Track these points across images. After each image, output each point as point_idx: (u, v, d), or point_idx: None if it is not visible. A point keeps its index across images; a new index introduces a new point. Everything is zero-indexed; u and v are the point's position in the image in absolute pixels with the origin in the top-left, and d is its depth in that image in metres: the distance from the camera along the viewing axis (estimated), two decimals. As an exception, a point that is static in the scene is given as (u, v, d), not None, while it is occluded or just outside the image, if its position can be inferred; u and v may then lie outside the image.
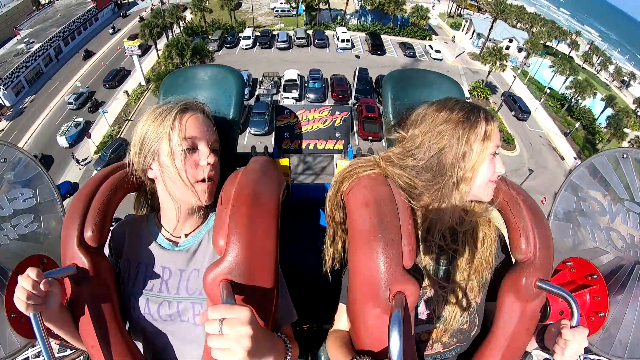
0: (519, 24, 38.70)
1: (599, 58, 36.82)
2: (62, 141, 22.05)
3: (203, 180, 0.95)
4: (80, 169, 21.33)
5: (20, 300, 0.76)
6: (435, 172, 0.87)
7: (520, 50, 34.84)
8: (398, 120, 1.01)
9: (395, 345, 0.65)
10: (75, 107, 25.75)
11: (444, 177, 0.86)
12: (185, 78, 1.29)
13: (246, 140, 20.95)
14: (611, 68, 36.15)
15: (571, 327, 0.81)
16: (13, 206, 1.16)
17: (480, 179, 0.88)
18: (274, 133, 1.43)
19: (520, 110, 27.87)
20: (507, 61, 28.42)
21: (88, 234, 0.88)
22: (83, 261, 0.87)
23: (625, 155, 1.22)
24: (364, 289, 0.78)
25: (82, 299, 0.89)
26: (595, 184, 1.22)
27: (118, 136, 22.48)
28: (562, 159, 24.55)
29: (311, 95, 25.64)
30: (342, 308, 0.97)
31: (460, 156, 0.86)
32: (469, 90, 28.17)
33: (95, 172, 19.75)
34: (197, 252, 0.99)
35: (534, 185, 20.31)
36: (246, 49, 32.61)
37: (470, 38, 37.82)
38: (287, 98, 24.63)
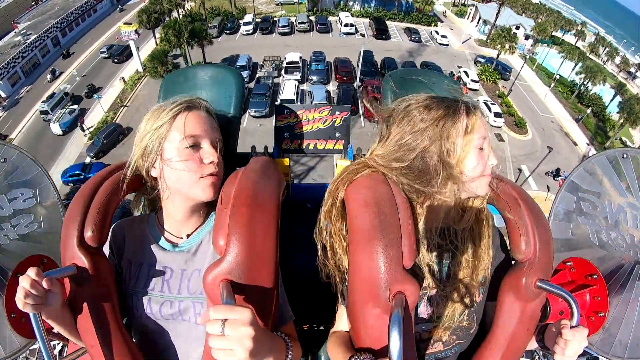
0: (524, 14, 38.46)
1: (605, 49, 36.26)
2: (56, 128, 21.40)
3: (208, 175, 0.95)
4: (85, 135, 21.29)
5: (20, 299, 0.76)
6: (420, 171, 0.86)
7: (527, 37, 34.58)
8: (384, 117, 0.98)
9: (395, 345, 0.65)
10: (106, 55, 27.80)
11: (430, 175, 0.85)
12: (185, 78, 1.29)
13: (246, 123, 20.79)
14: (617, 59, 35.59)
15: (571, 327, 0.81)
16: (13, 206, 1.16)
17: (469, 173, 0.86)
18: (274, 133, 1.42)
19: (503, 70, 28.77)
20: (516, 43, 28.19)
21: (88, 234, 0.88)
22: (83, 261, 0.87)
23: (625, 155, 1.22)
24: (364, 289, 0.78)
25: (82, 299, 0.89)
26: (595, 184, 1.22)
27: (113, 121, 22.08)
28: (575, 144, 24.44)
29: (314, 77, 25.29)
30: (342, 310, 0.97)
31: (445, 154, 0.84)
32: (477, 74, 28.10)
33: (87, 158, 19.55)
34: (198, 252, 0.99)
35: (548, 170, 20.25)
36: (246, 34, 32.24)
37: (476, 25, 37.73)
38: (289, 80, 24.24)
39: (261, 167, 0.97)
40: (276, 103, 22.17)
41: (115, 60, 28.15)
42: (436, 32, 34.25)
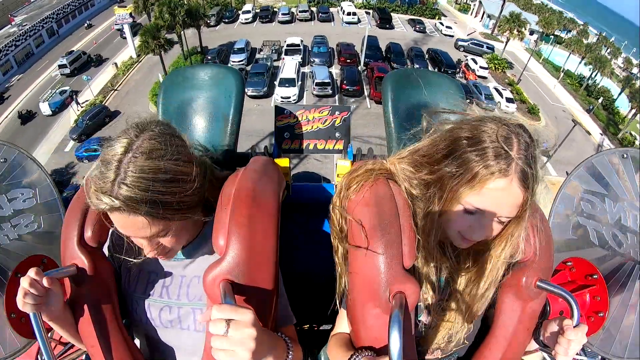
0: (526, 12, 38.63)
1: (607, 49, 36.00)
2: (45, 108, 20.83)
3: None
4: (79, 109, 21.20)
5: (20, 299, 0.76)
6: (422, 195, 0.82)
7: (532, 33, 34.64)
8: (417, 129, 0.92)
9: (395, 345, 0.65)
10: (119, 27, 28.30)
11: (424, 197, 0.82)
12: (184, 78, 1.29)
13: None
14: (620, 59, 35.41)
15: (573, 327, 0.81)
16: (13, 206, 1.16)
17: (444, 224, 0.81)
18: (274, 132, 1.42)
19: (488, 49, 29.16)
20: (525, 29, 28.17)
21: (88, 234, 0.88)
22: (83, 261, 0.87)
23: (625, 155, 1.22)
24: (363, 288, 0.78)
25: (82, 299, 0.89)
26: (595, 184, 1.22)
27: (101, 103, 21.75)
28: (589, 133, 24.37)
29: (316, 60, 24.91)
30: (343, 313, 0.95)
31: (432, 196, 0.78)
32: (486, 62, 28.16)
33: (71, 142, 18.87)
34: (197, 259, 0.98)
35: (566, 156, 20.17)
36: (246, 23, 32.11)
37: (480, 20, 38.26)
38: (290, 61, 23.83)
39: (261, 167, 0.97)
40: (275, 82, 21.77)
41: (124, 36, 28.50)
42: (441, 23, 34.50)
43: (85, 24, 32.54)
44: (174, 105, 1.27)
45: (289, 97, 21.40)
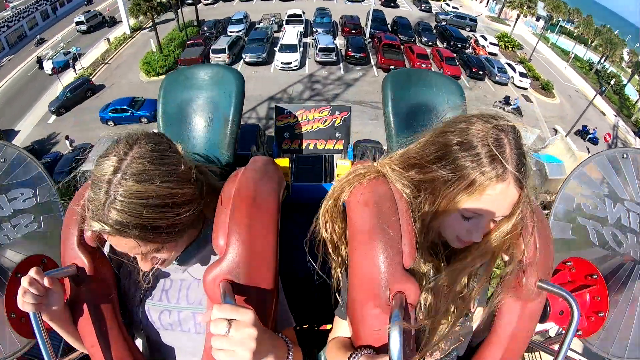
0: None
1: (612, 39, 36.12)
2: (48, 66, 21.68)
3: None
4: (76, 74, 21.48)
5: (20, 298, 0.76)
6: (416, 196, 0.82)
7: (538, 19, 34.90)
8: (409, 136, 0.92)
9: (395, 345, 0.65)
10: None
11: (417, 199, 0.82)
12: (184, 78, 1.29)
13: (239, 69, 20.08)
14: (625, 52, 35.37)
15: (573, 328, 0.81)
16: (13, 206, 1.16)
17: (441, 229, 0.81)
18: (274, 132, 1.43)
19: (471, 21, 29.58)
20: (535, 5, 28.45)
21: (88, 234, 0.88)
22: (83, 261, 0.87)
23: (625, 155, 1.22)
24: (363, 288, 0.78)
25: (82, 299, 0.89)
26: (595, 184, 1.22)
27: (87, 76, 21.29)
28: (603, 114, 24.43)
29: (319, 30, 24.21)
30: (338, 321, 0.95)
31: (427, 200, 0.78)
32: (496, 39, 28.37)
33: (52, 116, 18.12)
34: (197, 262, 0.97)
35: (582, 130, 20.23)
36: (244, 0, 31.93)
37: (486, 5, 38.69)
38: (291, 29, 23.04)
39: (261, 167, 0.97)
40: (275, 49, 21.11)
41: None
42: (447, 4, 34.51)
43: (36, 39, 29.59)
44: (174, 105, 1.26)
45: (290, 63, 20.58)
